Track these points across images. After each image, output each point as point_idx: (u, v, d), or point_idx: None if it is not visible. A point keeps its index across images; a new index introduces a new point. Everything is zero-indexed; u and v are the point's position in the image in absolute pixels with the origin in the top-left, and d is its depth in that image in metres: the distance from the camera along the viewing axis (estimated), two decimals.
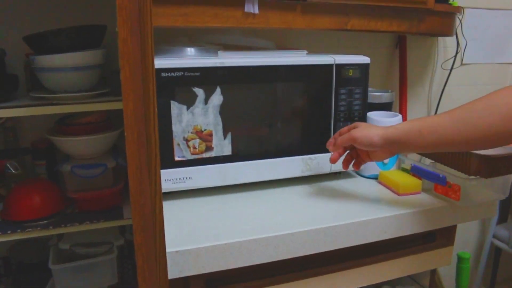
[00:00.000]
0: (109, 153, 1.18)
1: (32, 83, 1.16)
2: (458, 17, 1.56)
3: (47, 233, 1.07)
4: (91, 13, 1.21)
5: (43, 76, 1.06)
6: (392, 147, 0.87)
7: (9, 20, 1.16)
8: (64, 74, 1.04)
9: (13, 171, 1.14)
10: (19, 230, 1.05)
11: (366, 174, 1.16)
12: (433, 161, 1.09)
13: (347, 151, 0.97)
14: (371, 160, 0.95)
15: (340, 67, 1.05)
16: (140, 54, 0.68)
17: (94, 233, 1.19)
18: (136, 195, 0.72)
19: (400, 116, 1.20)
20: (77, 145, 1.10)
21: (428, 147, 0.85)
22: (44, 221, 1.09)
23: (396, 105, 1.61)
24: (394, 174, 1.09)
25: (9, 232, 1.04)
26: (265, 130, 1.04)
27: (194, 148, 0.97)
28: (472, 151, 0.95)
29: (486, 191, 1.03)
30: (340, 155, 0.96)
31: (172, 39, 1.22)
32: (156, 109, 0.69)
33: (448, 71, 1.72)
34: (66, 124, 1.11)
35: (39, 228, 1.06)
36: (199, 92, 0.95)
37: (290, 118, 1.05)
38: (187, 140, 0.96)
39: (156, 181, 0.72)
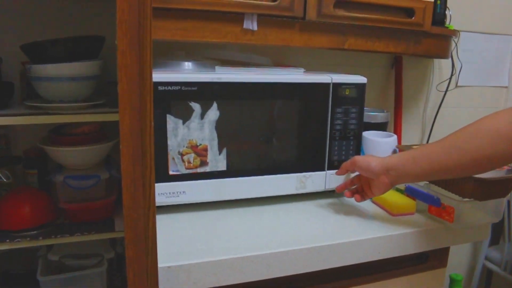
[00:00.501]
0: (103, 164, 1.17)
1: (27, 92, 1.15)
2: (454, 40, 1.58)
3: (36, 244, 1.06)
4: (89, 24, 1.21)
5: (38, 85, 1.05)
6: (389, 174, 0.92)
7: (6, 28, 1.16)
8: (60, 84, 1.04)
9: (4, 180, 1.12)
10: (7, 240, 1.03)
11: None
12: (427, 182, 1.10)
13: (355, 186, 1.04)
14: (373, 194, 0.99)
15: (337, 86, 1.06)
16: (138, 67, 0.68)
17: (84, 244, 1.17)
18: (129, 209, 0.71)
19: (395, 136, 1.20)
20: (71, 155, 1.09)
21: (423, 174, 0.88)
22: (34, 232, 1.07)
23: (391, 125, 1.61)
24: (388, 195, 1.08)
25: None
26: (261, 146, 1.04)
27: (189, 162, 0.97)
28: None
29: (480, 214, 1.03)
30: (346, 186, 1.04)
31: (170, 53, 1.22)
32: (152, 123, 0.69)
33: (443, 92, 1.74)
34: (60, 134, 1.10)
35: (28, 239, 1.05)
36: (196, 106, 0.94)
37: (285, 135, 1.05)
38: (182, 155, 0.95)
39: (150, 195, 0.71)
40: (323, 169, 1.09)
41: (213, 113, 0.96)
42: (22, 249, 1.11)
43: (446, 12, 1.44)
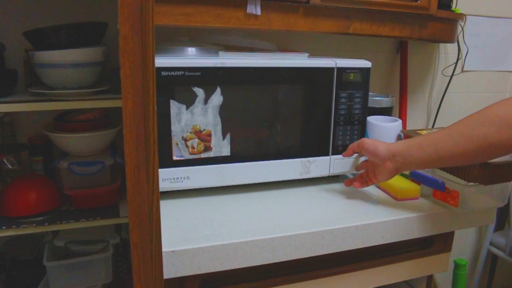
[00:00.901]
0: (107, 151, 1.17)
1: (31, 79, 1.15)
2: (460, 24, 1.56)
3: (42, 230, 1.07)
4: (92, 10, 1.21)
5: (42, 72, 1.05)
6: (395, 160, 0.92)
7: (9, 15, 1.16)
8: (63, 71, 1.03)
9: (10, 167, 1.13)
10: (14, 226, 1.04)
11: None
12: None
13: (362, 171, 1.05)
14: (377, 180, 0.99)
15: (341, 70, 1.05)
16: (140, 52, 0.67)
17: (89, 231, 1.18)
18: (133, 194, 0.71)
19: (400, 121, 1.19)
20: (75, 142, 1.10)
21: (429, 161, 0.88)
22: (40, 218, 1.08)
23: (396, 110, 1.60)
24: (393, 179, 1.08)
25: (3, 228, 1.03)
26: (265, 131, 1.03)
27: (193, 148, 0.97)
28: None
29: (485, 198, 1.03)
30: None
31: (173, 39, 1.21)
32: (155, 108, 0.69)
33: (449, 77, 1.72)
34: (64, 121, 1.11)
35: (34, 225, 1.06)
36: (199, 92, 0.94)
37: (289, 120, 1.05)
38: (185, 140, 0.95)
39: (153, 180, 0.71)
40: (327, 154, 1.09)
41: (217, 98, 0.96)
42: (28, 235, 1.12)
43: None
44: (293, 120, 1.05)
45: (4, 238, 1.21)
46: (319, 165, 1.09)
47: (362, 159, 1.05)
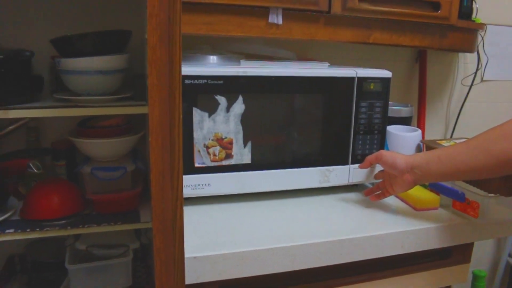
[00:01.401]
0: (129, 157, 1.19)
1: (56, 85, 1.18)
2: (480, 34, 1.55)
3: (65, 233, 1.08)
4: (117, 18, 1.23)
5: (67, 78, 1.08)
6: (413, 172, 0.93)
7: (36, 23, 1.19)
8: (88, 77, 1.06)
9: (35, 171, 1.16)
10: (37, 229, 1.06)
11: None
12: None
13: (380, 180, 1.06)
14: (395, 192, 0.99)
15: (362, 80, 1.06)
16: (167, 61, 0.69)
17: (110, 235, 1.20)
18: (158, 200, 0.73)
19: (419, 131, 1.19)
20: (98, 147, 1.12)
21: (447, 174, 0.89)
22: (63, 221, 1.10)
23: (414, 119, 1.60)
24: (412, 189, 1.08)
25: (28, 230, 1.06)
26: (285, 140, 1.04)
27: (214, 155, 0.98)
28: None
29: (505, 210, 1.02)
30: (373, 191, 1.07)
31: (195, 46, 1.23)
32: (181, 116, 0.71)
33: (468, 87, 1.71)
34: (88, 127, 1.13)
35: (57, 228, 1.07)
36: (221, 100, 0.96)
37: (309, 129, 1.06)
38: (207, 147, 0.97)
39: (178, 186, 0.73)
40: (346, 163, 1.09)
41: (239, 106, 0.97)
42: (50, 238, 1.14)
43: (473, 5, 1.41)
44: (313, 128, 1.06)
45: (27, 241, 1.24)
46: (338, 174, 1.09)
47: (380, 167, 1.05)
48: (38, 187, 1.13)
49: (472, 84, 1.71)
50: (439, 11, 1.26)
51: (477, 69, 1.69)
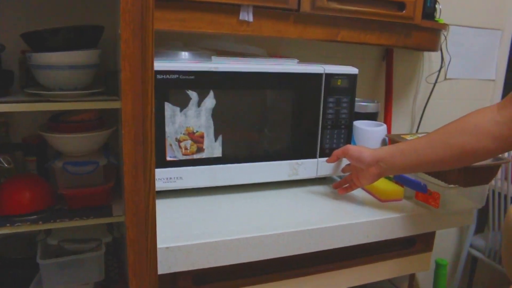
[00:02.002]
0: (101, 152, 1.19)
1: (26, 80, 1.17)
2: (443, 34, 1.62)
3: (36, 228, 1.08)
4: (89, 14, 1.23)
5: (38, 73, 1.07)
6: (378, 165, 0.96)
7: (7, 17, 1.18)
8: (60, 72, 1.06)
9: (6, 165, 1.15)
10: (8, 224, 1.06)
11: None
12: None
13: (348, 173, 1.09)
14: (361, 184, 1.03)
15: (329, 76, 1.09)
16: (140, 56, 0.71)
17: (82, 230, 1.20)
18: (131, 193, 0.74)
19: (384, 125, 1.24)
20: (70, 142, 1.12)
21: (410, 167, 0.93)
22: (34, 216, 1.09)
23: (381, 115, 1.65)
24: (377, 181, 1.13)
25: None
26: (255, 134, 1.07)
27: (186, 149, 1.00)
28: None
29: (464, 200, 1.08)
30: (341, 184, 1.10)
31: (167, 43, 1.24)
32: (153, 109, 0.72)
33: (432, 84, 1.78)
34: (60, 121, 1.13)
35: (28, 223, 1.07)
36: (193, 95, 0.98)
37: (279, 123, 1.09)
38: (179, 141, 0.99)
39: (150, 179, 0.75)
40: (315, 157, 1.13)
41: (210, 101, 0.99)
42: (20, 234, 1.13)
43: (436, 6, 1.47)
44: (282, 123, 1.09)
45: None
46: (306, 167, 1.13)
47: (347, 161, 1.09)
48: (9, 183, 1.12)
49: (436, 82, 1.77)
50: (404, 11, 1.31)
51: (441, 68, 1.76)
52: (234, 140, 1.05)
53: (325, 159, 1.12)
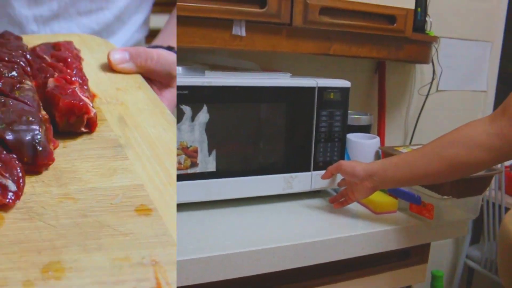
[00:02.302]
0: None
1: None
2: (434, 46, 1.64)
3: None
4: None
5: None
6: (372, 179, 0.96)
7: None
8: None
9: None
10: None
11: None
12: None
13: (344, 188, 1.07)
14: (356, 198, 1.03)
15: (322, 90, 1.10)
16: None
17: None
18: None
19: (378, 138, 1.25)
20: None
21: (404, 180, 0.94)
22: None
23: (374, 127, 1.66)
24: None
25: None
26: (249, 148, 1.08)
27: (180, 163, 1.00)
28: None
29: (458, 211, 1.08)
30: (337, 199, 1.09)
31: None
32: None
33: (425, 96, 1.80)
34: None
35: None
36: (186, 109, 0.98)
37: (273, 137, 1.09)
38: None
39: None
40: (309, 170, 1.13)
41: (203, 115, 1.00)
42: None
43: (427, 19, 1.50)
44: (276, 137, 1.10)
45: None
46: (301, 181, 1.13)
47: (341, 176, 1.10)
48: None
49: (428, 94, 1.79)
50: (395, 24, 1.33)
51: (432, 80, 1.78)
52: (228, 154, 1.05)
53: (319, 172, 1.12)
